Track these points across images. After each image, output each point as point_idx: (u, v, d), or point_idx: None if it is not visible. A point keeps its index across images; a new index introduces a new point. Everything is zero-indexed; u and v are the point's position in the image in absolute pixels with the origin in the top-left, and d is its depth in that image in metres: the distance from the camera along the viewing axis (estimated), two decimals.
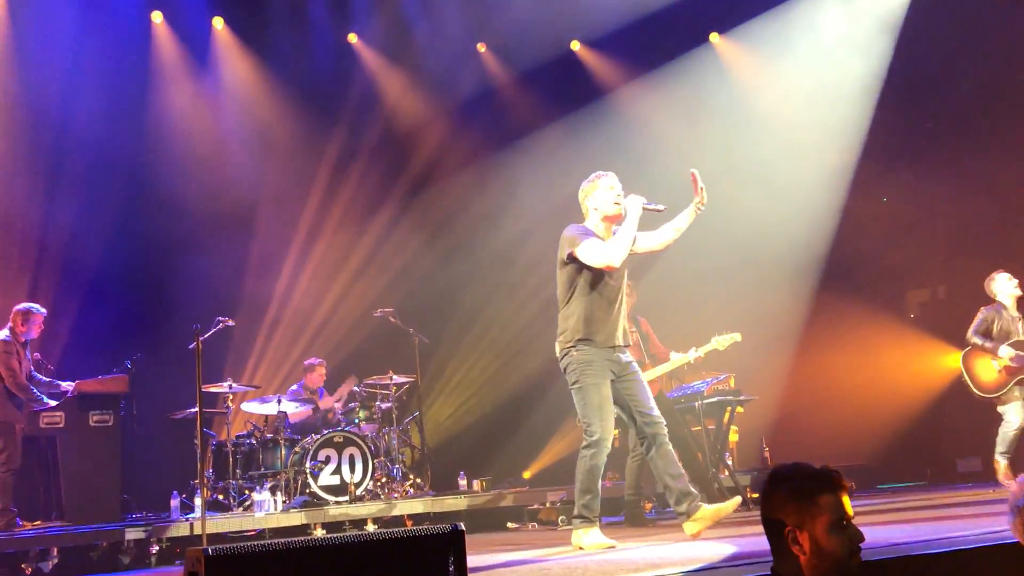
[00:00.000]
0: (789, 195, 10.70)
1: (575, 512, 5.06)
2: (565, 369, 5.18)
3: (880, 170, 10.53)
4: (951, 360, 10.46)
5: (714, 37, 11.83)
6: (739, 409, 8.57)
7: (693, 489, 5.02)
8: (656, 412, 5.11)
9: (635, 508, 7.13)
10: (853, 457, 9.86)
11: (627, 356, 5.17)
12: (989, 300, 7.94)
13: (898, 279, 11.04)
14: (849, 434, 9.93)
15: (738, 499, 5.08)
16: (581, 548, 4.91)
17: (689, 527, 4.97)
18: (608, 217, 5.19)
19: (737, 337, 6.91)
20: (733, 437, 9.30)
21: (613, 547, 4.83)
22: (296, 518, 7.34)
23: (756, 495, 8.30)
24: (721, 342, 7.17)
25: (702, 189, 5.18)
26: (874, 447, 9.82)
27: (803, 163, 10.76)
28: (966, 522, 4.37)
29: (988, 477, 9.33)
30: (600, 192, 5.23)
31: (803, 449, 9.32)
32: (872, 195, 10.61)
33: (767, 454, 9.47)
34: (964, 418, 9.83)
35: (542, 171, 11.73)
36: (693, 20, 11.14)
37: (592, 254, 5.00)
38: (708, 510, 4.95)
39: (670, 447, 5.09)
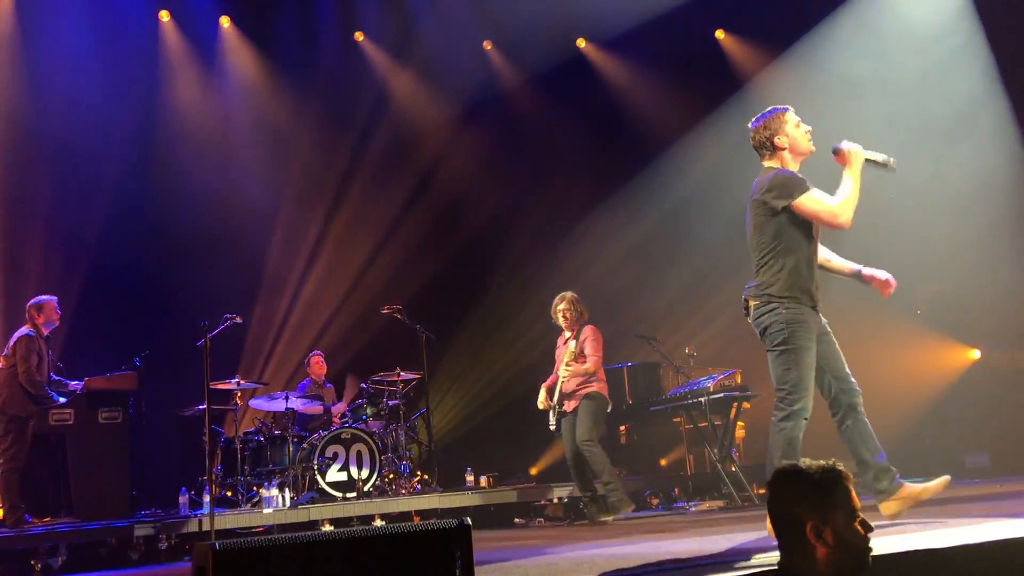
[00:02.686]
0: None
1: None
2: (765, 327, 4.60)
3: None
4: (958, 355, 10.45)
5: (719, 34, 11.86)
6: (745, 405, 8.57)
7: (892, 467, 4.57)
8: (853, 380, 4.64)
9: (595, 503, 7.21)
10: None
11: (823, 317, 4.70)
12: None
13: (905, 274, 11.01)
14: None
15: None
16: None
17: (887, 507, 4.53)
18: (802, 153, 4.67)
19: None
20: (740, 433, 9.31)
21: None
22: (304, 514, 7.37)
23: (763, 491, 8.31)
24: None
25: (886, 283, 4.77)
26: (881, 442, 9.80)
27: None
28: (973, 517, 4.37)
29: (996, 473, 9.32)
30: (791, 127, 4.65)
31: (809, 444, 9.27)
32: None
33: None
34: (971, 414, 9.81)
35: (553, 168, 11.76)
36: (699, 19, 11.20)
37: (819, 210, 4.44)
38: (913, 489, 4.48)
39: (865, 417, 4.64)
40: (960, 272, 10.01)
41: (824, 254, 4.80)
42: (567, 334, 7.50)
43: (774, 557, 3.10)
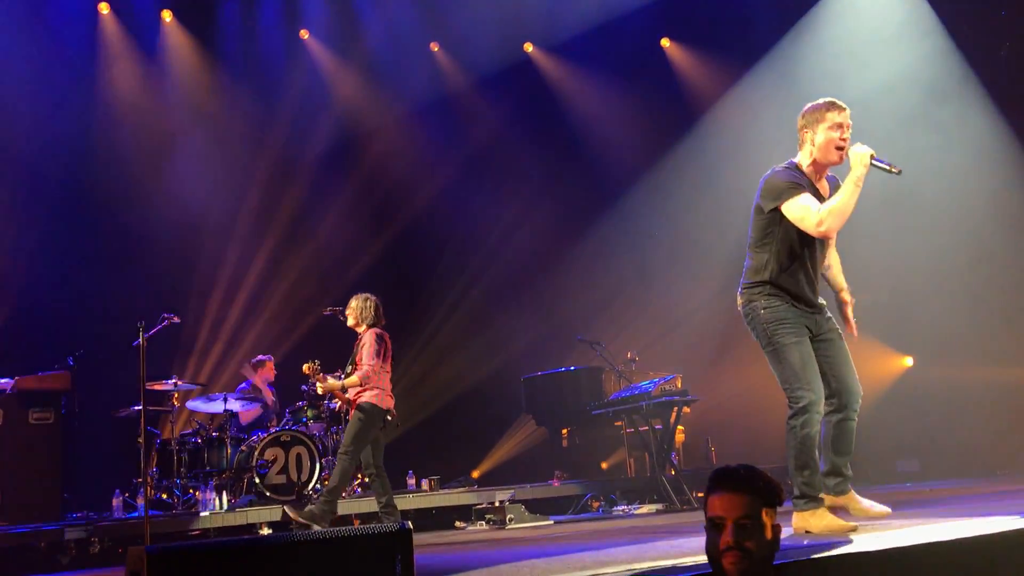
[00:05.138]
0: (737, 197, 10.86)
1: (796, 492, 4.35)
2: (752, 327, 4.48)
3: None
4: (892, 363, 10.70)
5: (665, 42, 12.03)
6: (686, 409, 8.67)
7: (848, 473, 4.46)
8: (854, 382, 4.48)
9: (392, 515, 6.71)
10: None
11: (825, 313, 4.51)
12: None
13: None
14: None
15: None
16: (808, 532, 4.28)
17: (826, 499, 4.42)
18: (826, 160, 4.36)
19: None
20: (679, 437, 9.41)
21: (854, 529, 4.20)
22: (242, 517, 7.26)
23: (702, 494, 8.42)
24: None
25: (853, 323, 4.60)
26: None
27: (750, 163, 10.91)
28: (902, 521, 4.47)
29: (926, 477, 9.57)
30: (824, 128, 4.31)
31: (749, 449, 9.46)
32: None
33: (713, 453, 9.60)
34: (904, 420, 10.04)
35: (497, 170, 11.79)
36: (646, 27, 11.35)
37: (803, 216, 4.23)
38: (856, 501, 4.41)
39: (854, 425, 4.46)
40: (895, 281, 10.24)
41: (832, 259, 4.68)
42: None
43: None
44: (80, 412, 8.23)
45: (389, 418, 6.89)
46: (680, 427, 9.07)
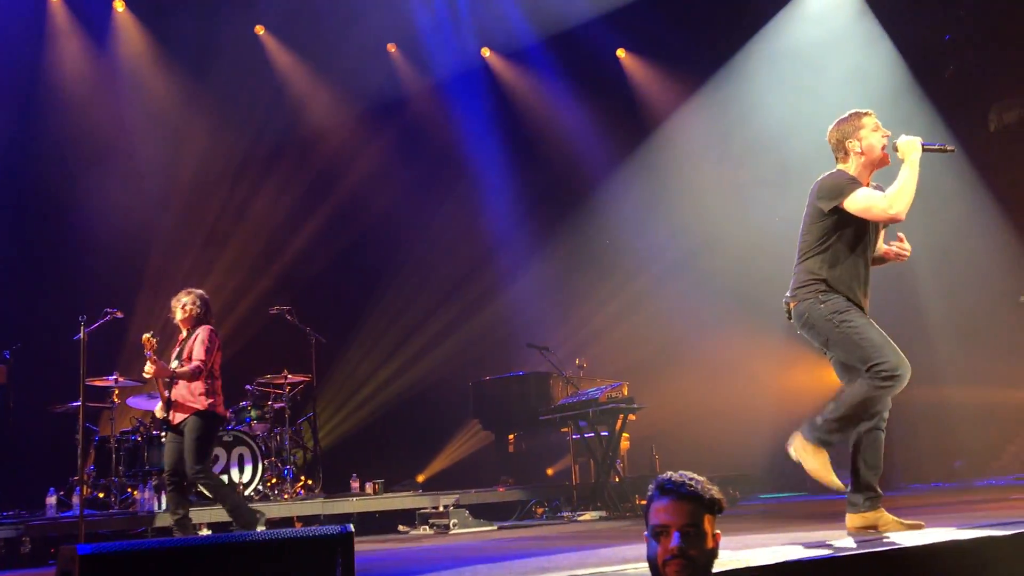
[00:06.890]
0: (689, 206, 10.99)
1: (820, 423, 4.34)
2: (810, 326, 4.46)
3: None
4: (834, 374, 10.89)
5: (620, 53, 12.15)
6: (631, 416, 8.73)
7: (879, 490, 4.42)
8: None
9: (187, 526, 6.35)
10: (737, 466, 10.16)
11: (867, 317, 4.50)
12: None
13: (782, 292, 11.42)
14: (735, 443, 10.22)
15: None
16: (799, 461, 4.33)
17: (850, 519, 4.43)
18: (875, 162, 4.47)
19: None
20: (624, 444, 9.47)
21: (844, 489, 4.28)
22: None
23: (644, 501, 8.47)
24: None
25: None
26: (757, 457, 10.13)
27: (701, 175, 11.05)
28: (839, 531, 4.54)
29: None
30: (867, 132, 4.46)
31: (691, 456, 9.52)
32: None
33: (657, 461, 9.67)
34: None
35: (449, 173, 11.79)
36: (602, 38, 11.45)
37: (869, 205, 4.31)
38: (884, 517, 4.36)
39: (882, 436, 4.43)
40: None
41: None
42: (183, 333, 6.62)
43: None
44: (15, 407, 8.03)
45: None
46: (625, 434, 9.13)
